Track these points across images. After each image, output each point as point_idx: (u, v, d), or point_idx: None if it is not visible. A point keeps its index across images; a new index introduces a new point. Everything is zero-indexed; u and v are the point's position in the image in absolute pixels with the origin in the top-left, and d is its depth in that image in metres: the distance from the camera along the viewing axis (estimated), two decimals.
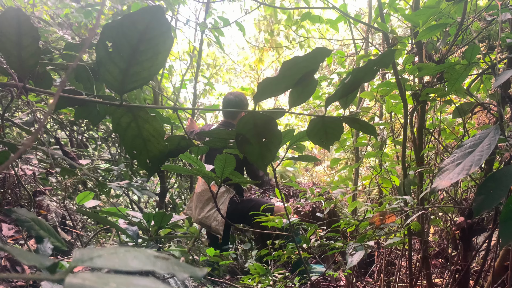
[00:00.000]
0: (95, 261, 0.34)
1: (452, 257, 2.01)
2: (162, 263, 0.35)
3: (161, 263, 0.35)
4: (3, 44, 0.84)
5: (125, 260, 0.34)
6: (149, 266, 0.34)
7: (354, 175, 3.50)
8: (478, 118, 3.17)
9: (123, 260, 0.34)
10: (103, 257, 0.35)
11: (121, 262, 0.34)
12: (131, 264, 0.34)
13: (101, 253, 0.35)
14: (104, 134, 3.46)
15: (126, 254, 0.35)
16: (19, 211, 1.14)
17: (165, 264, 0.35)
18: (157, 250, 1.46)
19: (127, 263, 0.34)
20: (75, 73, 1.09)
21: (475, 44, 1.59)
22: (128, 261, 0.34)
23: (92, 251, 0.36)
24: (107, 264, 0.34)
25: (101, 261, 0.34)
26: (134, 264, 0.34)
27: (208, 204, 3.19)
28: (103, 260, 0.34)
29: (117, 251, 0.36)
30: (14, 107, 2.68)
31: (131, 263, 0.34)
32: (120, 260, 0.34)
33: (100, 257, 0.35)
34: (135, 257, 0.35)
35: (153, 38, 0.77)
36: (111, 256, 0.35)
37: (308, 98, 0.87)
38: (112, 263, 0.34)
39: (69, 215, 2.39)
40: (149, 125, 0.89)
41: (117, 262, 0.34)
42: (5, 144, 1.14)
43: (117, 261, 0.34)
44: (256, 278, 2.09)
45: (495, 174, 1.02)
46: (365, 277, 2.92)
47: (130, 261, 0.34)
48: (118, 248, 0.37)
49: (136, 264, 0.34)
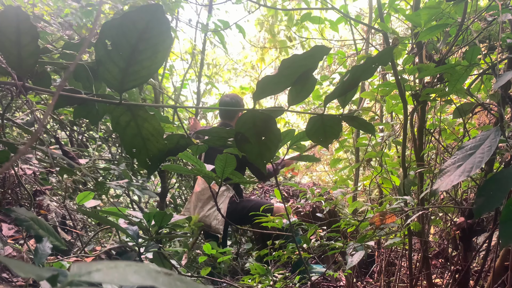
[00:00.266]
0: (93, 275, 0.33)
1: (452, 257, 2.01)
2: (164, 278, 0.34)
3: (163, 278, 0.34)
4: (2, 43, 0.84)
5: (124, 275, 0.33)
6: (150, 282, 0.33)
7: (355, 175, 3.50)
8: (479, 118, 3.17)
9: (122, 275, 0.33)
10: (102, 271, 0.34)
11: (120, 276, 0.33)
12: (131, 279, 0.33)
13: (100, 267, 0.34)
14: (104, 134, 3.46)
15: (126, 269, 0.34)
16: (19, 211, 1.14)
17: (167, 280, 0.34)
18: (158, 249, 1.46)
19: (127, 278, 0.33)
20: (74, 72, 1.09)
21: (475, 44, 1.59)
22: (128, 276, 0.33)
23: (91, 265, 0.35)
24: (106, 278, 0.33)
25: (100, 276, 0.33)
26: (134, 279, 0.33)
27: (208, 203, 3.19)
28: (101, 275, 0.33)
29: (117, 265, 0.35)
30: (14, 107, 2.69)
31: (131, 278, 0.33)
32: (119, 275, 0.33)
33: (99, 271, 0.34)
34: (135, 272, 0.34)
35: (152, 37, 0.77)
36: (111, 270, 0.34)
37: (307, 96, 0.87)
38: (111, 277, 0.33)
39: (69, 215, 2.39)
40: (148, 124, 0.89)
41: (116, 277, 0.33)
42: (5, 144, 1.14)
43: (116, 276, 0.33)
44: (257, 278, 2.09)
45: (496, 176, 1.01)
46: (365, 277, 2.92)
47: (130, 276, 0.33)
48: (118, 262, 0.35)
49: (136, 279, 0.33)
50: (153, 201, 4.54)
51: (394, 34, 2.07)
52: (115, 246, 1.63)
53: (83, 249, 1.94)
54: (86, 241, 2.12)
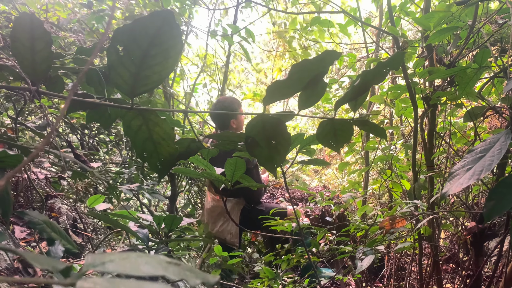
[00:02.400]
0: (106, 265, 0.34)
1: (463, 262, 1.99)
2: (174, 268, 0.35)
3: (173, 268, 0.35)
4: (17, 49, 0.85)
5: (136, 265, 0.34)
6: (160, 272, 0.34)
7: (364, 179, 3.49)
8: (490, 122, 3.14)
9: (134, 265, 0.34)
10: (115, 262, 0.35)
11: (132, 267, 0.34)
12: (142, 269, 0.34)
13: (112, 258, 0.35)
14: (115, 138, 3.49)
15: (138, 259, 0.36)
16: (31, 214, 1.15)
17: (177, 270, 0.35)
18: (168, 252, 1.47)
19: (139, 268, 0.34)
20: (86, 77, 1.11)
21: (486, 47, 1.58)
22: (140, 266, 0.34)
23: (104, 256, 0.36)
24: (119, 269, 0.34)
25: (113, 266, 0.34)
26: (145, 269, 0.34)
27: (219, 219, 3.19)
28: (114, 265, 0.34)
29: (129, 256, 0.36)
30: (26, 111, 2.72)
31: (143, 268, 0.34)
32: (131, 265, 0.34)
33: (112, 262, 0.35)
34: (146, 262, 0.35)
35: (163, 43, 0.78)
36: (123, 261, 0.35)
37: (317, 101, 0.87)
38: (124, 268, 0.34)
39: (80, 218, 2.41)
40: (159, 128, 0.90)
41: (128, 267, 0.34)
42: (18, 147, 1.16)
43: (128, 266, 0.34)
44: (266, 282, 2.09)
45: (507, 179, 1.01)
46: (375, 281, 2.90)
47: (141, 266, 0.34)
48: (130, 253, 0.37)
49: (147, 269, 0.34)
50: (163, 204, 4.55)
51: (403, 38, 2.07)
52: (125, 249, 1.64)
53: (93, 251, 1.96)
54: (96, 244, 2.14)
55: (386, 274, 2.68)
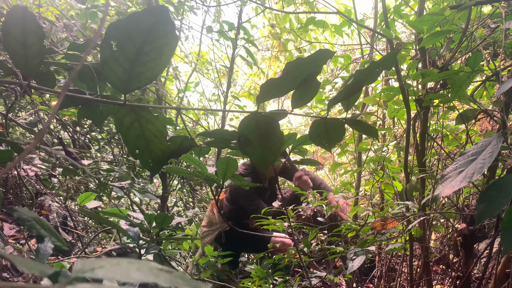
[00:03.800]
0: (96, 272, 0.34)
1: (453, 263, 2.00)
2: (165, 275, 0.34)
3: (164, 275, 0.34)
4: (9, 43, 0.84)
5: (127, 272, 0.34)
6: (152, 279, 0.33)
7: (356, 180, 3.49)
8: (481, 124, 3.16)
9: (125, 272, 0.34)
10: (105, 268, 0.34)
11: (123, 273, 0.33)
12: (133, 276, 0.33)
13: (103, 264, 0.35)
14: (107, 136, 3.47)
15: (129, 266, 0.35)
16: (21, 210, 1.14)
17: (168, 277, 0.34)
18: (158, 251, 1.46)
19: (130, 274, 0.33)
20: (78, 73, 1.10)
21: (479, 51, 1.59)
22: (131, 272, 0.34)
23: (94, 262, 0.35)
24: (109, 275, 0.33)
25: (103, 272, 0.34)
26: (136, 276, 0.33)
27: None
28: (104, 271, 0.34)
29: (119, 262, 0.35)
30: (17, 107, 2.70)
31: (134, 275, 0.33)
32: (122, 272, 0.34)
33: (102, 268, 0.34)
34: (137, 269, 0.34)
35: (157, 39, 0.78)
36: (113, 267, 0.34)
37: (311, 99, 0.87)
38: (114, 274, 0.33)
39: (70, 215, 2.39)
40: (151, 125, 0.89)
41: (119, 274, 0.33)
42: (9, 144, 1.15)
43: (119, 273, 0.34)
44: (256, 282, 2.08)
45: (497, 182, 1.01)
46: (366, 282, 2.91)
47: (132, 273, 0.34)
48: (121, 259, 0.36)
49: (138, 276, 0.33)
50: (154, 203, 4.54)
51: (397, 40, 2.08)
52: (115, 247, 1.63)
53: (84, 250, 1.94)
54: (87, 242, 2.12)
55: (377, 275, 2.69)
